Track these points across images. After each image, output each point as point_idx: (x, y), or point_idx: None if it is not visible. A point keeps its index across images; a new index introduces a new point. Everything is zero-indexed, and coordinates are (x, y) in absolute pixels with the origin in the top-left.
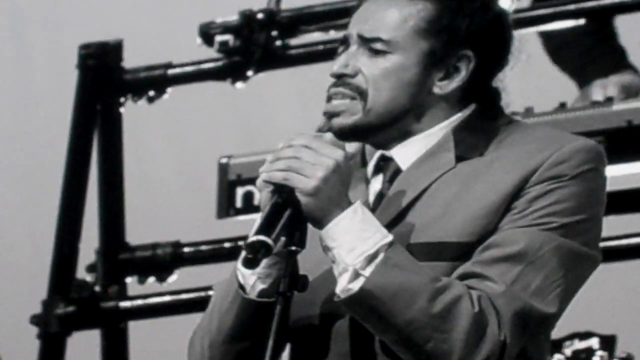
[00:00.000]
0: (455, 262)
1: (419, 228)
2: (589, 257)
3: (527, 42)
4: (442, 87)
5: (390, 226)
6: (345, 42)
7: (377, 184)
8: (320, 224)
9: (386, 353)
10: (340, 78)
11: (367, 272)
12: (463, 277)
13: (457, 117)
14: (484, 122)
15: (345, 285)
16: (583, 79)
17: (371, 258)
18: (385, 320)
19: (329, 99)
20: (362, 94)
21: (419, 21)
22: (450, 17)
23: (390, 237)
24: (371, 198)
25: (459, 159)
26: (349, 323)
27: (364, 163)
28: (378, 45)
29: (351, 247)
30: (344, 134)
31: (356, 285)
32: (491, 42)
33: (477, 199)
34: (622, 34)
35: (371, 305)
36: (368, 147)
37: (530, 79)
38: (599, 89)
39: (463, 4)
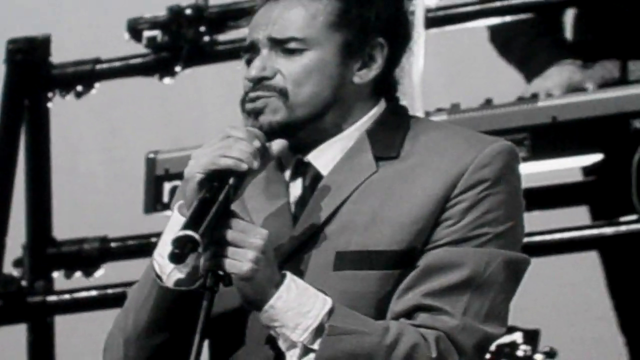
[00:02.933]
0: (387, 270)
1: (347, 236)
2: (525, 261)
3: (453, 37)
4: (362, 76)
5: (316, 234)
6: (251, 49)
7: (296, 189)
8: (256, 306)
9: None
10: (259, 82)
11: (316, 345)
12: (414, 310)
13: (371, 115)
14: (395, 119)
15: None
16: (527, 72)
17: (317, 331)
18: None
19: (249, 101)
20: (281, 92)
21: (328, 15)
22: (357, 8)
23: (329, 303)
24: (292, 204)
25: (378, 159)
26: None
27: (281, 166)
28: (293, 45)
29: (295, 324)
30: (273, 132)
31: None
32: (398, 30)
33: (404, 205)
34: None
35: None
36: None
37: (456, 75)
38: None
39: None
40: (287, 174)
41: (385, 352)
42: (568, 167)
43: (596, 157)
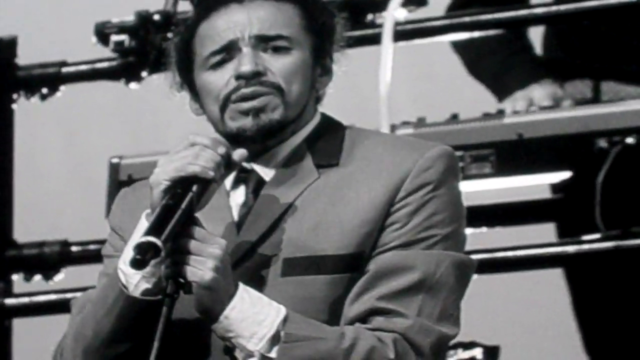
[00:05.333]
0: (335, 275)
1: (293, 242)
2: (472, 263)
3: (421, 51)
4: (323, 83)
5: (261, 240)
6: (226, 49)
7: (239, 196)
8: (211, 317)
9: None
10: (254, 77)
11: (274, 354)
12: (368, 314)
13: (310, 124)
14: (331, 129)
15: None
16: (502, 89)
17: (273, 339)
18: None
19: (244, 99)
20: (278, 90)
21: (302, 19)
22: (320, 17)
23: (283, 311)
24: (234, 211)
25: (318, 167)
26: None
27: None
28: (280, 43)
29: (250, 333)
30: (271, 130)
31: None
32: (337, 45)
33: (349, 210)
34: None
35: None
36: None
37: (423, 89)
38: (522, 102)
39: (324, 7)
40: (229, 181)
41: (342, 356)
42: (532, 185)
43: (560, 175)
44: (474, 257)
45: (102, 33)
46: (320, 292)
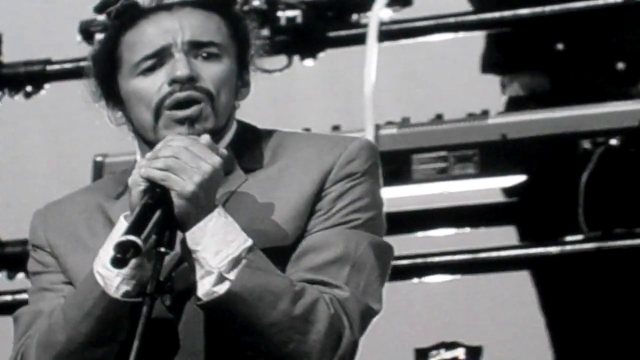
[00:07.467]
0: (276, 266)
1: None
2: (390, 247)
3: (407, 51)
4: (243, 94)
5: None
6: (159, 54)
7: None
8: (186, 226)
9: (240, 349)
10: (188, 82)
11: (232, 275)
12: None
13: (230, 131)
14: (250, 134)
15: (209, 289)
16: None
17: (235, 261)
18: (249, 323)
19: (179, 104)
20: (209, 96)
21: (228, 29)
22: (244, 30)
23: (250, 241)
24: None
25: (245, 171)
26: (204, 322)
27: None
28: (212, 49)
29: (217, 250)
30: None
31: (222, 288)
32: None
33: (281, 204)
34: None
35: (236, 308)
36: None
37: (407, 89)
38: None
39: (246, 20)
40: None
41: (292, 297)
42: (516, 185)
43: (543, 177)
44: (457, 257)
45: (87, 31)
46: None
